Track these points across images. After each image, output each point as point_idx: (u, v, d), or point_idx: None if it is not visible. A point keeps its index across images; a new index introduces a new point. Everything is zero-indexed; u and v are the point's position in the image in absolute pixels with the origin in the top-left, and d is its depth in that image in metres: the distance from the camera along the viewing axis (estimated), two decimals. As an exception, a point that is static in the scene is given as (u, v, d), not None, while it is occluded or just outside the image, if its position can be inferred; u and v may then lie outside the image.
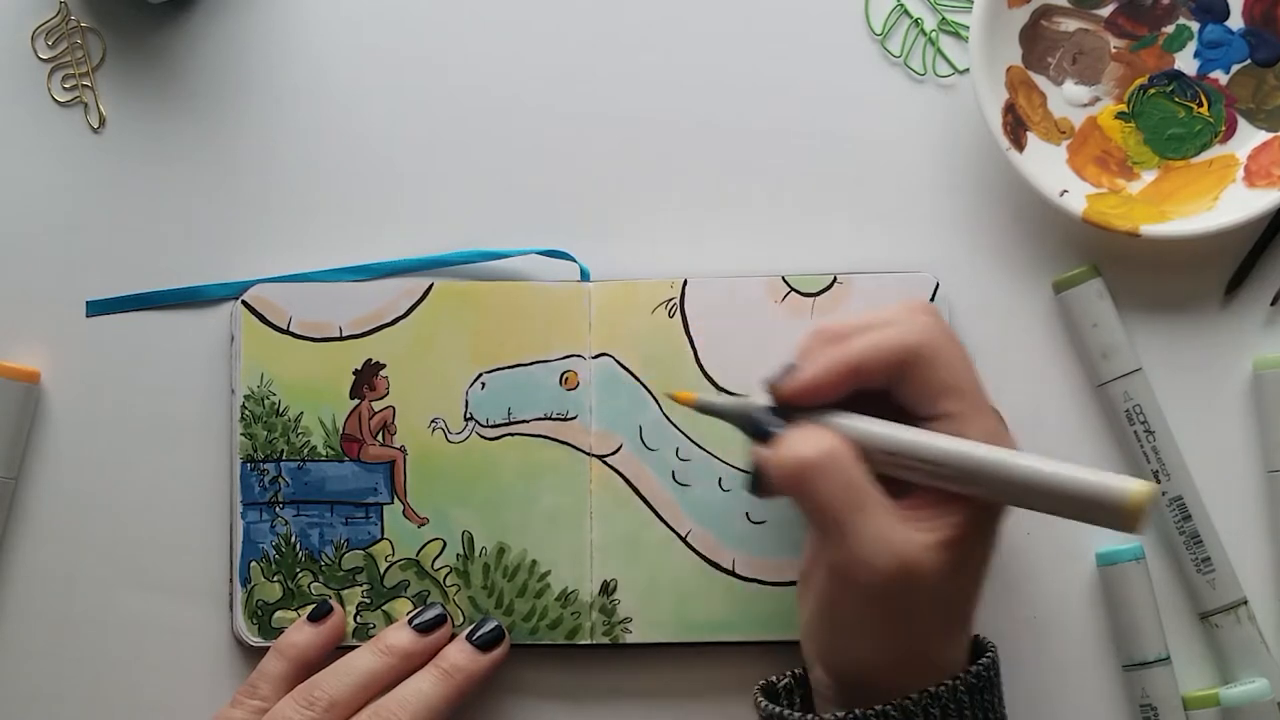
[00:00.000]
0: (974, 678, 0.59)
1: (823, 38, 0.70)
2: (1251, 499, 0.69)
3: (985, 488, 0.58)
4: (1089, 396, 0.69)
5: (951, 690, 0.59)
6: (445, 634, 0.67)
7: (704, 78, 0.71)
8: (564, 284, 0.69)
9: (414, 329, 0.69)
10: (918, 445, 0.59)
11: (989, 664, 0.60)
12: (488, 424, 0.68)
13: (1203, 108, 0.69)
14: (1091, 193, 0.68)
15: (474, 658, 0.66)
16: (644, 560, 0.68)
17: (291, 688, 0.66)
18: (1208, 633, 0.68)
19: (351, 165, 0.71)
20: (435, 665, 0.66)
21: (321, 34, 0.71)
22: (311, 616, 0.68)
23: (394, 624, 0.68)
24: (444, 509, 0.68)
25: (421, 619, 0.67)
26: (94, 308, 0.70)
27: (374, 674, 0.66)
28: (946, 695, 0.59)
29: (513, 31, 0.71)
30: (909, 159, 0.70)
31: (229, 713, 0.66)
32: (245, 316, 0.69)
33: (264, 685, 0.66)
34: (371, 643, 0.67)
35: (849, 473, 0.58)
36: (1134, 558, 0.67)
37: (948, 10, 0.71)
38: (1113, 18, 0.69)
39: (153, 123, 0.71)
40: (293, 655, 0.67)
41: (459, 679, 0.66)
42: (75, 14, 0.71)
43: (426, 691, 0.65)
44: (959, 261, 0.69)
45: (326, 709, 0.64)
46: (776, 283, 0.69)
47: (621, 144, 0.70)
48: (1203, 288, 0.69)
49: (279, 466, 0.68)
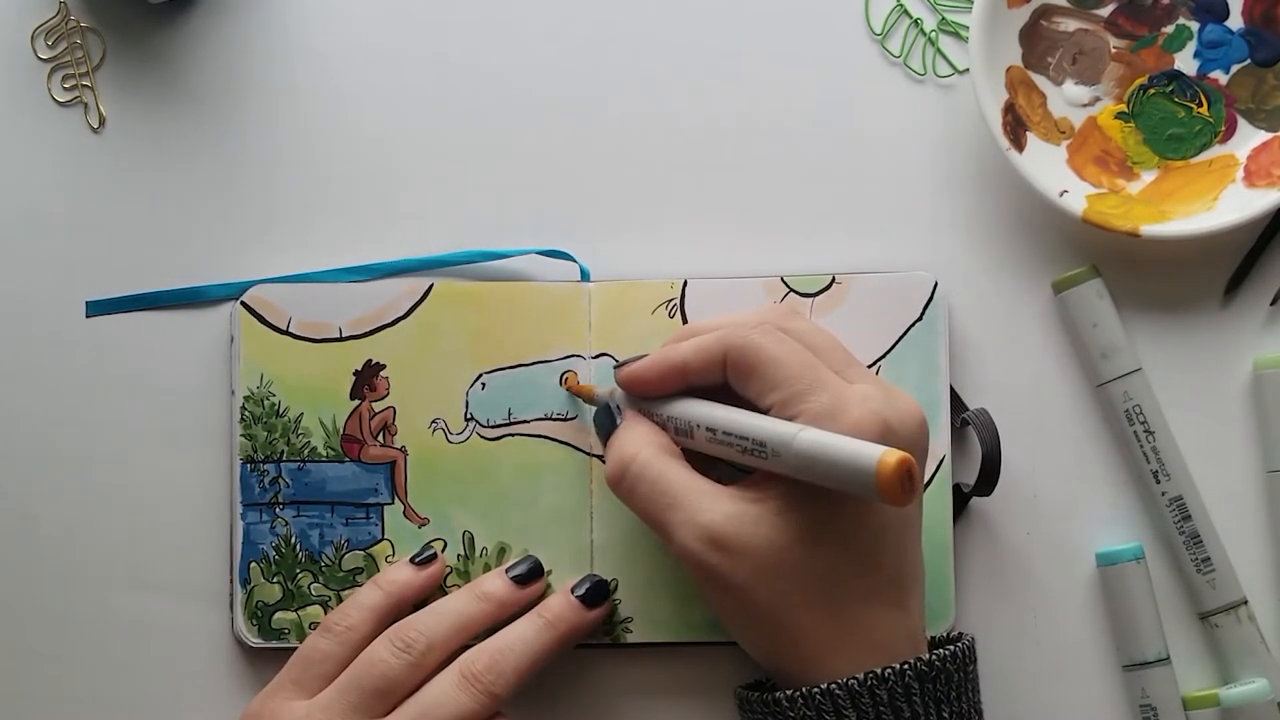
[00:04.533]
0: (925, 665, 0.59)
1: (822, 38, 0.70)
2: (1251, 499, 0.69)
3: (779, 463, 0.59)
4: (1089, 396, 0.69)
5: (898, 674, 0.59)
6: (540, 587, 0.67)
7: (704, 78, 0.70)
8: (564, 284, 0.69)
9: (414, 329, 0.69)
10: (728, 423, 0.61)
11: (948, 655, 0.60)
12: (488, 424, 0.68)
13: (1203, 108, 0.69)
14: (1091, 193, 0.68)
15: (579, 611, 0.65)
16: (644, 560, 0.68)
17: (381, 621, 0.65)
18: (1208, 633, 0.68)
19: (352, 165, 0.71)
20: (538, 614, 0.65)
21: (321, 34, 0.71)
22: (415, 559, 0.67)
23: (490, 573, 0.67)
24: (444, 509, 0.68)
25: (518, 570, 0.67)
26: (94, 308, 0.70)
27: (472, 619, 0.65)
28: (894, 678, 0.59)
29: (513, 32, 0.71)
30: (909, 159, 0.70)
31: (317, 640, 0.65)
32: (245, 317, 0.69)
33: (355, 613, 0.65)
34: (468, 588, 0.66)
35: (651, 477, 0.61)
36: (1134, 558, 0.67)
37: (948, 10, 0.71)
38: (1113, 18, 0.69)
39: (153, 123, 0.71)
40: (391, 590, 0.66)
41: (562, 629, 0.65)
42: (75, 14, 0.71)
43: (530, 640, 0.64)
44: (959, 261, 0.69)
45: (424, 652, 0.63)
46: (775, 283, 0.69)
47: (621, 144, 0.70)
48: (1203, 288, 0.69)
49: (279, 467, 0.68)
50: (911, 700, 0.59)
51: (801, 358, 0.61)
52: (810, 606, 0.60)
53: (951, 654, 0.60)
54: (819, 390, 0.60)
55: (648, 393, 0.64)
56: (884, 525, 0.60)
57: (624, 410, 0.65)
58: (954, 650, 0.61)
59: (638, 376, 0.64)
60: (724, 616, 0.62)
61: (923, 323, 0.68)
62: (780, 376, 0.61)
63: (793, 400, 0.60)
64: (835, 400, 0.60)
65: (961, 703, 0.61)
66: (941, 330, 0.68)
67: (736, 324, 0.63)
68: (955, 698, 0.60)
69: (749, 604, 0.60)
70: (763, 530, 0.59)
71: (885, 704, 0.59)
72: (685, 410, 0.63)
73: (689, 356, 0.63)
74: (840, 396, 0.60)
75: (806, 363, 0.61)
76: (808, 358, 0.61)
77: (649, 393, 0.64)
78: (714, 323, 0.64)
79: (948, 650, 0.60)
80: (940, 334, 0.68)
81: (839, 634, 0.60)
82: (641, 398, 0.65)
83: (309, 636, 0.65)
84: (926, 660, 0.59)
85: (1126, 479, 0.69)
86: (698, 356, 0.63)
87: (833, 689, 0.59)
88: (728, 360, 0.62)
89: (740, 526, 0.59)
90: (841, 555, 0.60)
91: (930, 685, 0.59)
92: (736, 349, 0.62)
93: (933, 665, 0.59)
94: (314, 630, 0.66)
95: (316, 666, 0.64)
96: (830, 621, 0.60)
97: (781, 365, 0.61)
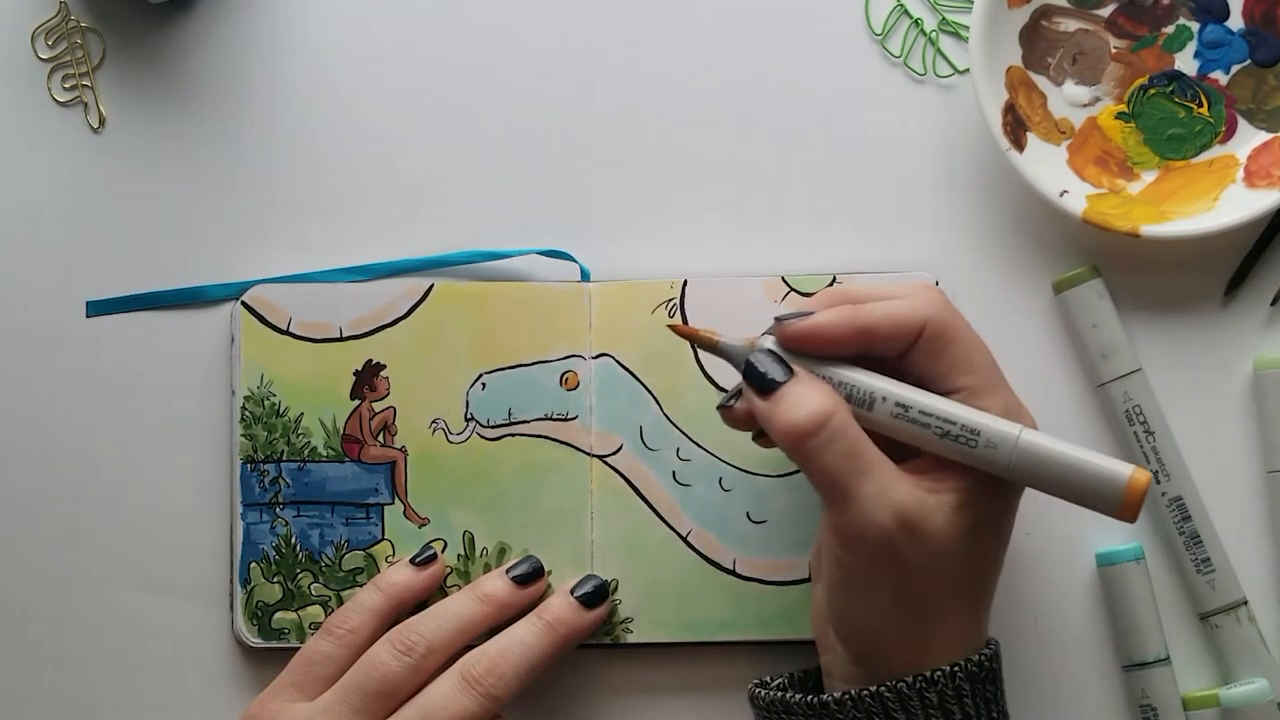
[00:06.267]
0: (976, 666, 0.59)
1: (823, 38, 0.70)
2: (1251, 499, 0.69)
3: (990, 456, 0.58)
4: (1089, 396, 0.69)
5: (949, 676, 0.58)
6: (541, 588, 0.67)
7: (704, 78, 0.70)
8: (564, 284, 0.69)
9: (414, 329, 0.69)
10: (929, 405, 0.59)
11: (992, 654, 0.60)
12: (488, 424, 0.68)
13: (1203, 108, 0.69)
14: (1091, 193, 0.68)
15: (579, 612, 0.65)
16: (645, 560, 0.68)
17: (382, 623, 0.65)
18: (1207, 633, 0.68)
19: (352, 165, 0.71)
20: (538, 616, 0.65)
21: (321, 34, 0.71)
22: (415, 559, 0.67)
23: (490, 573, 0.67)
24: (445, 509, 0.68)
25: (518, 571, 0.67)
26: (94, 308, 0.70)
27: (472, 621, 0.65)
28: (944, 680, 0.58)
29: (513, 32, 0.71)
30: (909, 159, 0.70)
31: (317, 643, 0.65)
32: (245, 317, 0.69)
33: (356, 616, 0.65)
34: (468, 589, 0.66)
35: (849, 438, 0.58)
36: (1134, 558, 0.67)
37: (948, 10, 0.71)
38: (1113, 18, 0.69)
39: (153, 123, 0.71)
40: (391, 593, 0.66)
41: (562, 631, 0.65)
42: (75, 14, 0.71)
43: (530, 643, 0.64)
44: (959, 261, 0.69)
45: (425, 654, 0.63)
46: (776, 283, 0.69)
47: (621, 144, 0.70)
48: (1203, 288, 0.69)
49: (279, 467, 0.68)
50: (963, 701, 0.59)
51: (988, 351, 0.61)
52: (959, 600, 0.59)
53: (995, 653, 0.61)
54: (1003, 388, 0.60)
55: (824, 351, 0.60)
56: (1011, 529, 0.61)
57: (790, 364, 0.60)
58: (995, 650, 0.61)
59: (819, 333, 0.59)
60: (859, 593, 0.59)
61: (923, 323, 0.68)
62: (975, 362, 0.60)
63: (982, 390, 0.59)
64: (1012, 402, 0.60)
65: (1003, 702, 0.61)
66: (942, 330, 0.68)
67: (927, 299, 0.60)
68: (1001, 697, 0.61)
69: (908, 588, 0.58)
70: (940, 520, 0.58)
71: (935, 706, 0.58)
72: (868, 380, 0.59)
73: (879, 320, 0.59)
74: (1014, 400, 0.60)
75: (991, 358, 0.60)
76: (990, 353, 0.61)
77: (825, 351, 0.60)
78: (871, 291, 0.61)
79: (990, 649, 0.60)
80: (940, 334, 0.68)
81: (973, 627, 0.60)
82: (807, 356, 0.60)
83: (310, 639, 0.65)
84: (975, 660, 0.59)
85: (1126, 479, 0.69)
86: (888, 321, 0.59)
87: (882, 691, 0.58)
88: (926, 332, 0.59)
89: (925, 511, 0.58)
90: (993, 555, 0.60)
91: (980, 686, 0.59)
92: (939, 322, 0.59)
93: (982, 666, 0.59)
94: (314, 632, 0.66)
95: (317, 669, 0.64)
96: (969, 615, 0.60)
97: (977, 351, 0.60)
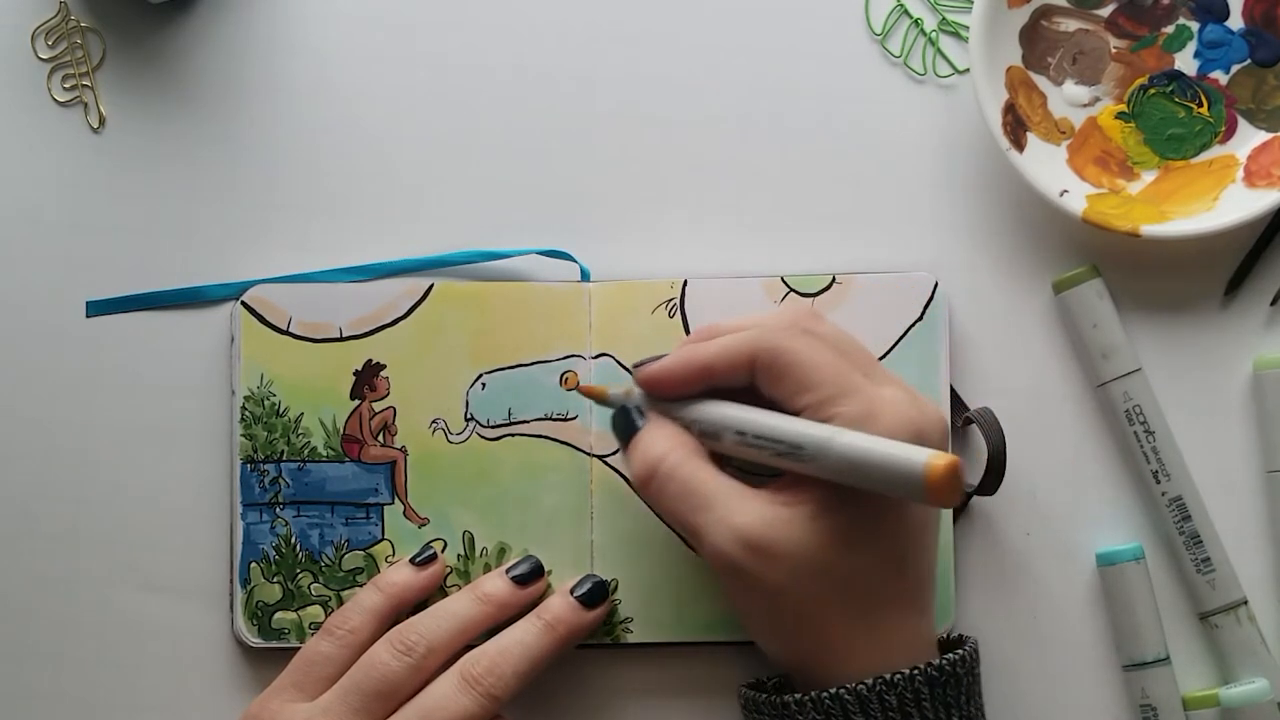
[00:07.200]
0: (936, 670, 0.59)
1: (823, 38, 0.70)
2: (1251, 499, 0.69)
3: (819, 464, 0.59)
4: (1089, 396, 0.69)
5: (909, 679, 0.59)
6: (541, 587, 0.67)
7: (704, 78, 0.70)
8: (564, 284, 0.69)
9: (414, 329, 0.69)
10: (761, 426, 0.60)
11: (959, 658, 0.60)
12: (488, 424, 0.68)
13: (1203, 108, 0.69)
14: (1091, 193, 0.68)
15: (579, 612, 0.65)
16: (644, 560, 0.68)
17: (382, 623, 0.65)
18: (1207, 633, 0.68)
19: (352, 165, 0.71)
20: (537, 616, 0.65)
21: (321, 34, 0.71)
22: (415, 559, 0.67)
23: (490, 573, 0.67)
24: (445, 509, 0.68)
25: (518, 571, 0.67)
26: (94, 308, 0.70)
27: (471, 621, 0.65)
28: (903, 683, 0.59)
29: (513, 32, 0.71)
30: (909, 159, 0.70)
31: (317, 644, 0.65)
32: (245, 317, 0.69)
33: (356, 616, 0.65)
34: (468, 589, 0.66)
35: (680, 478, 0.61)
36: (1134, 558, 0.67)
37: (948, 10, 0.71)
38: (1113, 18, 0.69)
39: (153, 123, 0.71)
40: (391, 593, 0.66)
41: (562, 631, 0.65)
42: (75, 14, 0.71)
43: (530, 643, 0.64)
44: (959, 261, 0.69)
45: (425, 655, 0.63)
46: (775, 283, 0.69)
47: (621, 144, 0.70)
48: (1203, 288, 0.69)
49: (279, 467, 0.68)
50: (921, 705, 0.59)
51: (833, 361, 0.61)
52: (842, 610, 0.60)
53: (960, 658, 0.60)
54: (852, 394, 0.60)
55: (670, 394, 0.63)
56: (910, 529, 0.60)
57: (645, 412, 0.64)
58: (963, 654, 0.61)
59: (661, 377, 0.63)
60: (750, 618, 0.62)
61: (923, 323, 0.68)
62: (813, 380, 0.60)
63: (826, 404, 0.60)
64: (869, 404, 0.60)
65: (970, 707, 0.61)
66: (942, 330, 0.68)
67: (764, 326, 0.62)
68: (965, 702, 0.60)
69: (780, 606, 0.60)
70: (797, 533, 0.59)
71: (895, 709, 0.59)
72: (712, 412, 0.62)
73: (715, 357, 0.62)
74: (872, 401, 0.60)
75: (838, 367, 0.61)
76: (839, 361, 0.61)
77: (671, 394, 0.63)
78: (734, 323, 0.63)
79: (956, 655, 0.60)
80: (941, 334, 0.68)
81: (868, 637, 0.60)
82: (662, 399, 0.64)
83: (310, 639, 0.65)
84: (936, 665, 0.59)
85: (1126, 479, 0.69)
86: (724, 357, 0.62)
87: (842, 693, 0.59)
88: (757, 362, 0.61)
89: (775, 529, 0.59)
90: (874, 559, 0.60)
91: (940, 690, 0.59)
92: (767, 351, 0.61)
93: (942, 670, 0.59)
94: (315, 632, 0.66)
95: (317, 669, 0.64)
96: (859, 625, 0.60)
97: (814, 369, 0.60)
